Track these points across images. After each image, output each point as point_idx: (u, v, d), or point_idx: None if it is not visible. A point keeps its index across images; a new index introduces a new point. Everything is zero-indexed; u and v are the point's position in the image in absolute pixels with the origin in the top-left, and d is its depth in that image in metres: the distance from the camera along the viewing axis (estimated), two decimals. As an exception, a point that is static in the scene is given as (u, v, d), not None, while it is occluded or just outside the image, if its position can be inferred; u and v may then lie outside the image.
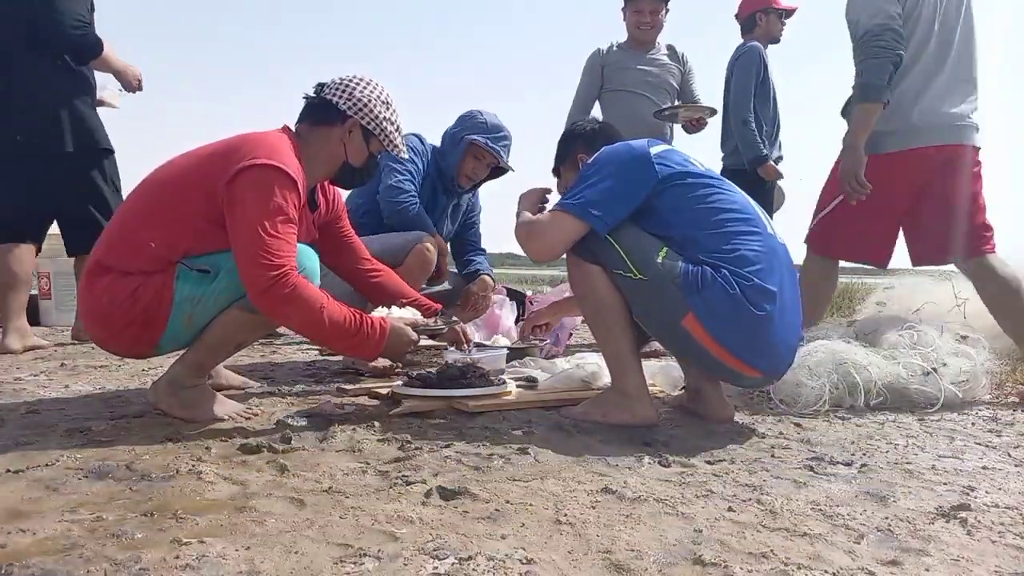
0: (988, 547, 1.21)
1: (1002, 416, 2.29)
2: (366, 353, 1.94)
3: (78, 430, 1.79)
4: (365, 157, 2.09)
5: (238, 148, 1.86)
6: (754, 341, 1.88)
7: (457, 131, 2.92)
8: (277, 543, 1.14)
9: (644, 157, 1.98)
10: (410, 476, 1.48)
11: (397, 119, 2.10)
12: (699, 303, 1.83)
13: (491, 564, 1.07)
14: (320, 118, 2.03)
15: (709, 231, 1.90)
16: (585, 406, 2.06)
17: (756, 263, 1.86)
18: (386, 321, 1.93)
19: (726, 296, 1.82)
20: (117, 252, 1.87)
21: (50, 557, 1.07)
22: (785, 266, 1.95)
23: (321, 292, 1.84)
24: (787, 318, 1.91)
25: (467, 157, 2.90)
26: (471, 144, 2.87)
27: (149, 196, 1.93)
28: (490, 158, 2.92)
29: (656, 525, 1.26)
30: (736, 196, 1.99)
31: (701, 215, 1.93)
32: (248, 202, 1.79)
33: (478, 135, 2.87)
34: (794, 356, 2.05)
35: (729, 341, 1.86)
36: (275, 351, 3.42)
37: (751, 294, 1.82)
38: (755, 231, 1.92)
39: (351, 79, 2.04)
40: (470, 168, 2.92)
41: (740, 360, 1.89)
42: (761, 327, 1.85)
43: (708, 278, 1.83)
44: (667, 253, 1.89)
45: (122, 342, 1.94)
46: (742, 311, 1.82)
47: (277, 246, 1.77)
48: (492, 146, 2.87)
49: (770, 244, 1.93)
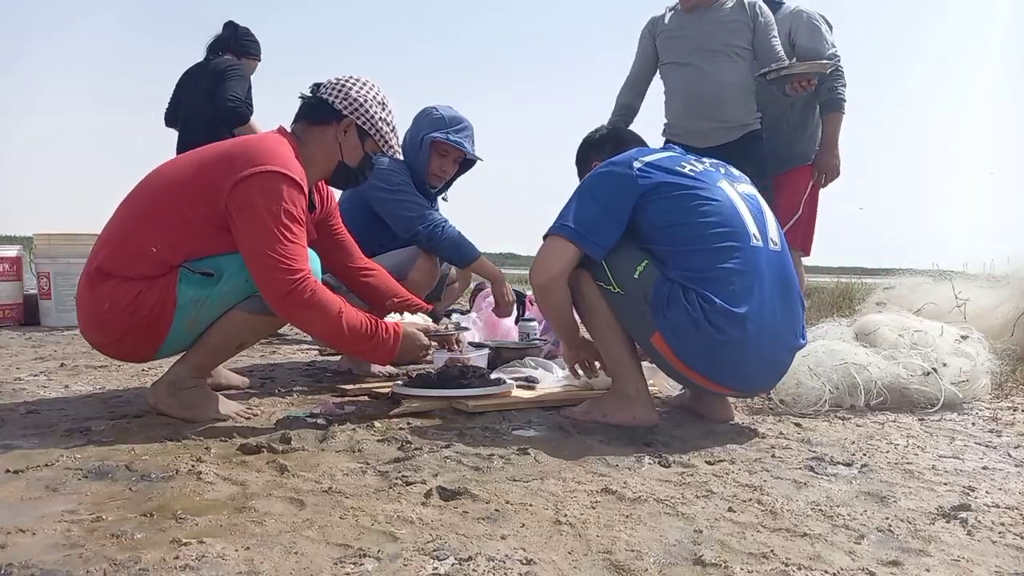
0: (988, 547, 1.21)
1: (1002, 416, 2.29)
2: (381, 357, 1.99)
3: (78, 430, 1.79)
4: (360, 157, 2.09)
5: (240, 153, 1.86)
6: (718, 363, 1.85)
7: (415, 133, 2.82)
8: (277, 543, 1.13)
9: (626, 176, 1.92)
10: (410, 476, 1.48)
11: (392, 119, 2.10)
12: (664, 324, 1.83)
13: (491, 564, 1.07)
14: (316, 118, 2.03)
15: (685, 249, 1.87)
16: (585, 406, 2.06)
17: (729, 283, 1.81)
18: (400, 326, 1.98)
19: (688, 318, 1.79)
20: (118, 257, 1.85)
21: (50, 557, 1.07)
22: (769, 280, 1.88)
23: (338, 297, 1.87)
24: (768, 334, 1.86)
25: (433, 156, 2.81)
26: (433, 142, 2.78)
27: (149, 201, 1.91)
28: (455, 152, 2.83)
29: (656, 525, 1.26)
30: (723, 206, 1.91)
31: (679, 232, 1.88)
32: (258, 208, 1.79)
33: (437, 132, 2.77)
34: (783, 368, 2.00)
35: (693, 362, 1.85)
36: (275, 351, 3.42)
37: (714, 318, 1.78)
38: (735, 246, 1.86)
39: (347, 79, 2.04)
40: (438, 167, 2.83)
41: (707, 379, 1.89)
42: (724, 350, 1.81)
43: (674, 299, 1.81)
44: (645, 267, 1.87)
45: (124, 347, 1.93)
46: (703, 334, 1.79)
47: (293, 251, 1.79)
48: (453, 139, 2.78)
49: (752, 259, 1.86)
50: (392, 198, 2.69)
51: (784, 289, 1.93)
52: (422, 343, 2.03)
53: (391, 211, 2.70)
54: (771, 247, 1.95)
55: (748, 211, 1.94)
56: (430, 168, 2.82)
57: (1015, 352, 2.95)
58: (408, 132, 2.86)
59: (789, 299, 1.94)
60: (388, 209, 2.70)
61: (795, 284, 1.99)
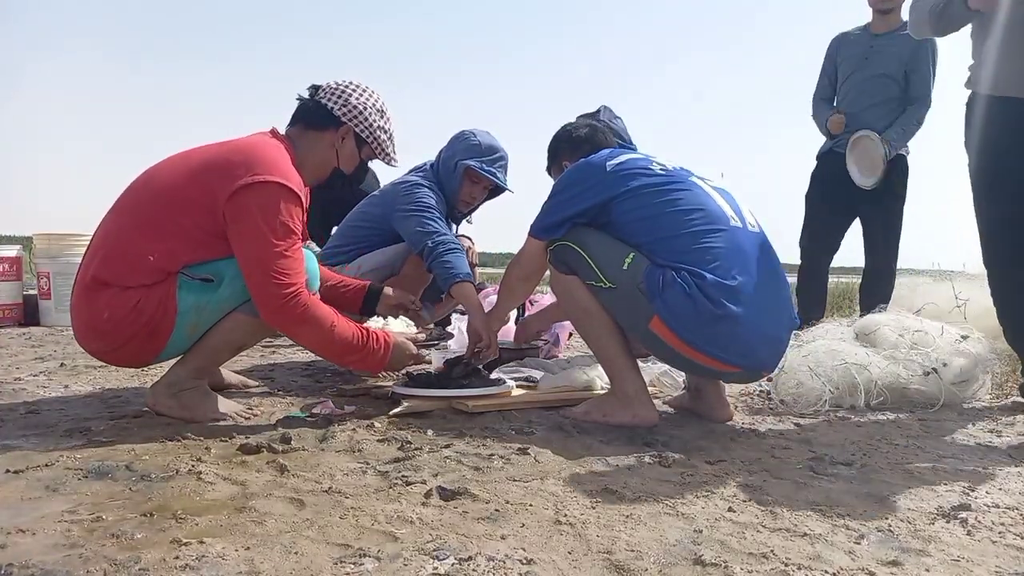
0: (988, 547, 1.21)
1: (1002, 416, 2.29)
2: (372, 367, 2.00)
3: (78, 430, 1.79)
4: (356, 164, 2.10)
5: (239, 161, 1.83)
6: (719, 337, 1.85)
7: (450, 156, 2.82)
8: (277, 543, 1.13)
9: (599, 167, 2.02)
10: (410, 476, 1.48)
11: (391, 127, 2.11)
12: (661, 305, 1.84)
13: (491, 564, 1.07)
14: (313, 122, 2.02)
15: (668, 236, 1.90)
16: (586, 406, 2.06)
17: (715, 260, 1.85)
18: (390, 336, 1.98)
19: (684, 295, 1.81)
20: (114, 266, 1.83)
21: (50, 557, 1.06)
22: (755, 258, 1.92)
23: (331, 310, 1.87)
24: (763, 309, 1.87)
25: (465, 182, 2.82)
26: (467, 169, 2.79)
27: (145, 210, 1.87)
28: (487, 181, 2.85)
29: (656, 525, 1.26)
30: (695, 194, 1.97)
31: (660, 222, 1.92)
32: (255, 220, 1.78)
33: (472, 159, 2.78)
34: (783, 345, 1.99)
35: (695, 339, 1.85)
36: (275, 351, 3.42)
37: (709, 291, 1.80)
38: (716, 228, 1.90)
39: (347, 84, 2.04)
40: (467, 193, 2.85)
41: (711, 357, 1.88)
42: (723, 323, 1.82)
43: (668, 280, 1.83)
44: (633, 259, 1.90)
45: (124, 354, 1.92)
46: (701, 309, 1.80)
47: (287, 265, 1.79)
48: (487, 169, 2.80)
49: (733, 239, 1.90)
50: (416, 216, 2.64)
51: (770, 266, 1.96)
52: (411, 352, 2.05)
53: (409, 225, 2.66)
54: (750, 228, 1.99)
55: (721, 198, 2.00)
56: (460, 194, 2.84)
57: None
58: (443, 153, 2.86)
59: (776, 276, 1.97)
60: (406, 224, 2.66)
61: (779, 264, 2.02)
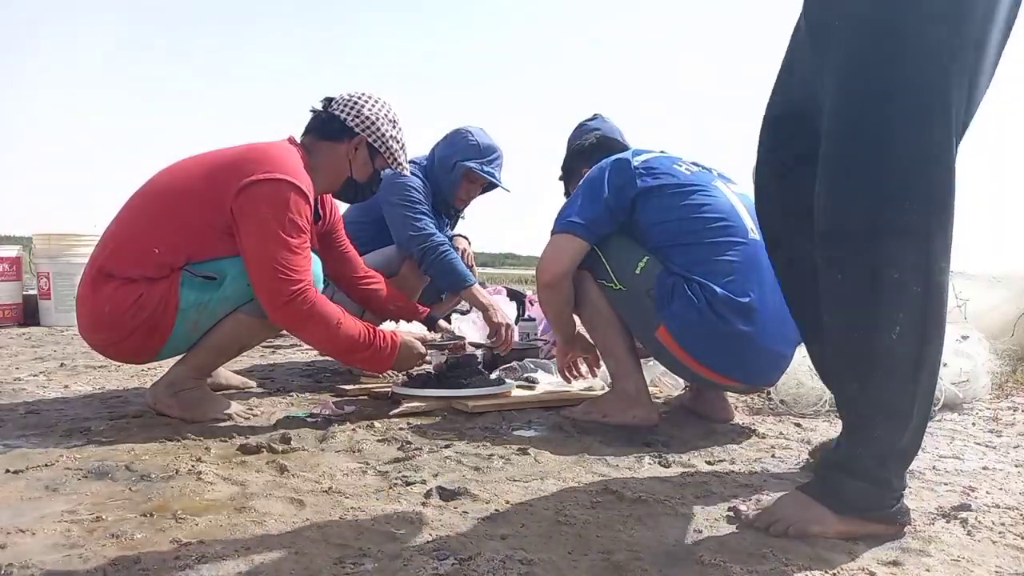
0: (989, 547, 1.21)
1: (1002, 416, 2.29)
2: (378, 366, 2.01)
3: (78, 430, 1.79)
4: (369, 173, 2.12)
5: (247, 160, 1.86)
6: (724, 353, 1.85)
7: (448, 155, 2.82)
8: (277, 543, 1.13)
9: (624, 163, 1.97)
10: (410, 476, 1.48)
11: (403, 136, 2.12)
12: (669, 316, 1.83)
13: (491, 564, 1.07)
14: (326, 133, 2.04)
15: (685, 243, 1.88)
16: (585, 406, 2.06)
17: (730, 274, 1.82)
18: (397, 335, 1.99)
19: (693, 308, 1.80)
20: (120, 259, 1.85)
21: (50, 557, 1.07)
22: (769, 272, 1.82)
23: (337, 307, 1.87)
24: (771, 327, 1.84)
25: (463, 182, 2.84)
26: (466, 171, 2.80)
27: (154, 204, 1.91)
28: (484, 180, 2.87)
29: (656, 525, 1.26)
30: (720, 202, 1.93)
31: (678, 227, 1.89)
32: (263, 216, 1.79)
33: (471, 160, 2.79)
34: (786, 362, 1.98)
35: (699, 353, 1.85)
36: (275, 351, 3.42)
37: (718, 306, 1.79)
38: (736, 240, 1.87)
39: (360, 96, 2.05)
40: (465, 192, 2.88)
41: (713, 371, 1.88)
42: (729, 339, 1.81)
43: (678, 290, 1.81)
44: (647, 263, 1.88)
45: (124, 349, 1.93)
46: (708, 323, 1.79)
47: (295, 262, 1.80)
48: (486, 170, 2.81)
49: (751, 253, 1.87)
50: (401, 213, 2.66)
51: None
52: (419, 352, 2.06)
53: (396, 224, 2.68)
54: None
55: (743, 207, 1.96)
56: (458, 193, 2.85)
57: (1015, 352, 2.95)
58: (439, 150, 2.86)
59: None
60: (393, 221, 2.69)
61: None
